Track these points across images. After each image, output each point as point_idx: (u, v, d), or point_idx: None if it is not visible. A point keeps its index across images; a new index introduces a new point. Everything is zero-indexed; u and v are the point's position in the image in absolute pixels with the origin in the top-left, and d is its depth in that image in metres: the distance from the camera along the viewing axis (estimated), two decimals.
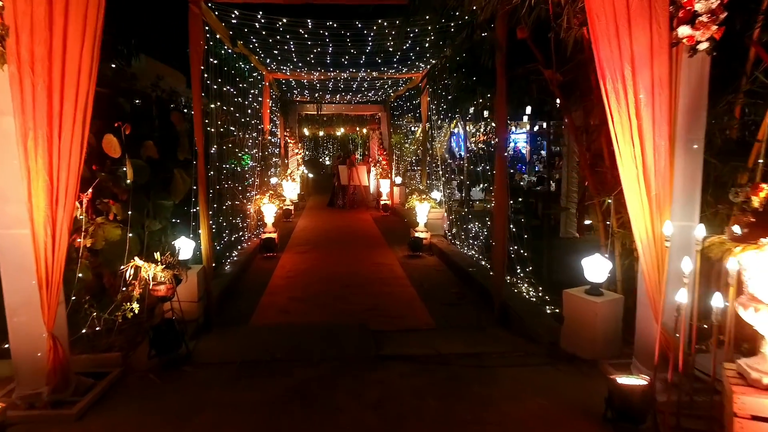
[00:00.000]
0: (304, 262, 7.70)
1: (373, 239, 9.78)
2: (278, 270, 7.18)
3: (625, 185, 2.93)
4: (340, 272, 7.06)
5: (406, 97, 11.99)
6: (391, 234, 10.20)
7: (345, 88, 10.84)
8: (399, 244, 9.07)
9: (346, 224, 11.76)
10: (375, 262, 7.72)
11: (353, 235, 10.32)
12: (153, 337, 3.66)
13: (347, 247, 8.93)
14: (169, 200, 4.61)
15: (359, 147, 22.87)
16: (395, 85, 10.72)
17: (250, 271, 7.11)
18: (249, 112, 8.52)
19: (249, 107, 8.50)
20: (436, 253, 8.17)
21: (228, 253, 6.78)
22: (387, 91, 11.81)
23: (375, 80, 9.86)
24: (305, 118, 15.22)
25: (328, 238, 9.83)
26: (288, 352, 4.06)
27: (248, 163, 10.33)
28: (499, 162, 4.82)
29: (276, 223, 9.27)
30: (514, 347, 4.02)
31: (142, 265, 3.93)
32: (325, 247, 8.90)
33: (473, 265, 6.69)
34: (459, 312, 5.32)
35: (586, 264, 3.64)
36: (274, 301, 5.68)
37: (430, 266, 7.49)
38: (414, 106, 11.33)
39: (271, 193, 8.50)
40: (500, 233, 4.87)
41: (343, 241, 9.61)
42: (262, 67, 8.55)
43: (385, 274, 6.94)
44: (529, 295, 5.23)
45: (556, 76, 4.23)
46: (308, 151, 24.68)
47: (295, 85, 10.63)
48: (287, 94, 12.90)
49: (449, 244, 8.27)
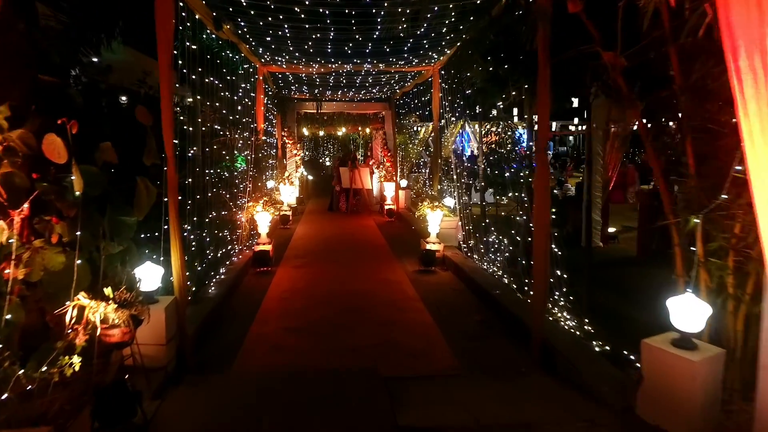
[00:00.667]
0: (302, 279, 6.79)
1: (379, 250, 8.87)
2: (272, 289, 6.27)
3: (763, 200, 2.02)
4: (342, 292, 6.15)
5: (413, 93, 11.07)
6: (398, 243, 9.29)
7: (347, 84, 9.92)
8: (408, 255, 8.16)
9: (349, 231, 10.85)
10: (382, 278, 6.81)
11: (356, 244, 9.42)
12: (97, 404, 2.75)
13: (350, 260, 8.02)
14: (132, 216, 3.70)
15: (360, 147, 21.95)
16: (402, 80, 9.81)
17: (239, 291, 6.20)
18: (240, 109, 7.61)
19: (240, 103, 7.59)
20: (450, 268, 7.26)
21: (214, 272, 5.87)
22: (393, 87, 10.88)
23: (380, 74, 8.96)
24: (304, 117, 14.32)
25: (328, 248, 8.92)
26: (279, 416, 3.15)
27: (243, 165, 9.45)
28: (541, 168, 3.91)
29: (271, 233, 8.37)
30: (572, 412, 3.11)
31: (87, 305, 3.04)
32: (326, 259, 7.99)
33: (497, 285, 5.78)
34: (487, 348, 4.42)
35: (674, 306, 2.74)
36: (265, 332, 4.77)
37: (445, 284, 6.57)
38: (423, 103, 10.39)
39: (266, 199, 7.60)
40: (541, 255, 3.96)
41: (345, 251, 8.70)
42: (254, 58, 7.63)
43: (395, 294, 6.04)
44: (565, 320, 4.34)
45: (619, 61, 3.32)
46: (308, 151, 23.76)
47: (292, 79, 9.72)
48: (284, 91, 11.98)
49: (465, 257, 7.37)
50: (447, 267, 7.38)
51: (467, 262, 7.03)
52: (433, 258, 7.32)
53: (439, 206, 7.65)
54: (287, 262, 7.76)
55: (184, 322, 3.85)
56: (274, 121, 11.80)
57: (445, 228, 7.94)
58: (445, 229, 7.99)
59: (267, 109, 10.23)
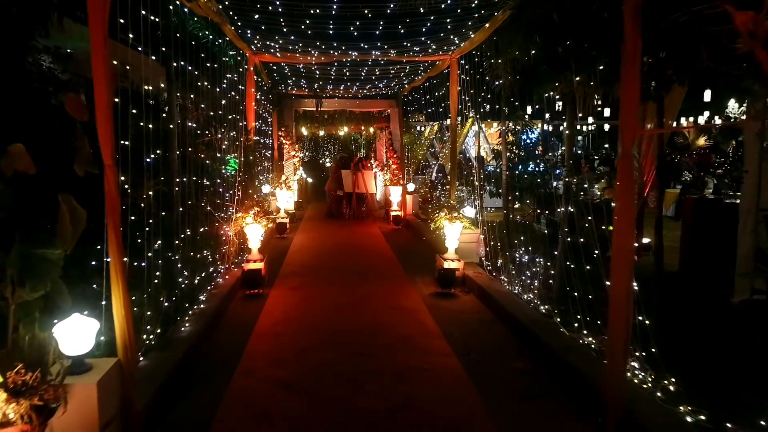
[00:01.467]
0: (299, 305, 5.71)
1: (387, 265, 7.79)
2: (263, 319, 5.20)
3: None
4: (347, 325, 5.08)
5: (423, 89, 9.97)
6: (408, 257, 8.23)
7: (351, 78, 8.83)
8: (421, 272, 7.11)
9: (352, 242, 9.77)
10: (394, 305, 5.73)
11: (361, 258, 8.34)
12: None
13: (355, 278, 6.94)
14: (56, 248, 2.63)
15: (362, 148, 20.85)
16: (413, 73, 8.73)
17: (223, 323, 5.13)
18: (226, 105, 6.54)
19: (226, 98, 6.52)
20: (473, 291, 6.19)
21: (189, 304, 4.80)
22: (401, 81, 9.77)
23: (389, 66, 7.89)
24: (303, 116, 13.24)
25: (330, 263, 7.85)
26: None
27: (235, 168, 8.41)
28: (625, 177, 2.83)
29: (264, 247, 7.31)
30: None
31: None
32: (327, 278, 6.91)
33: (536, 319, 4.71)
34: (540, 416, 3.34)
35: None
36: (251, 389, 3.69)
37: (469, 312, 5.50)
38: (438, 99, 9.27)
39: (257, 210, 6.52)
40: (622, 296, 2.89)
41: (349, 267, 7.62)
42: (242, 43, 6.52)
43: (412, 328, 4.96)
44: (635, 373, 3.28)
45: (763, 25, 2.25)
46: (308, 151, 22.60)
47: (288, 72, 8.62)
48: (281, 86, 10.89)
49: (490, 278, 6.29)
50: (469, 289, 6.31)
51: (494, 285, 5.96)
52: (452, 278, 6.25)
53: (458, 218, 6.57)
54: (282, 282, 6.69)
55: (132, 393, 2.77)
56: (269, 120, 10.73)
57: (464, 242, 6.88)
58: (465, 243, 6.93)
59: (260, 106, 9.16)
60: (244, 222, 6.51)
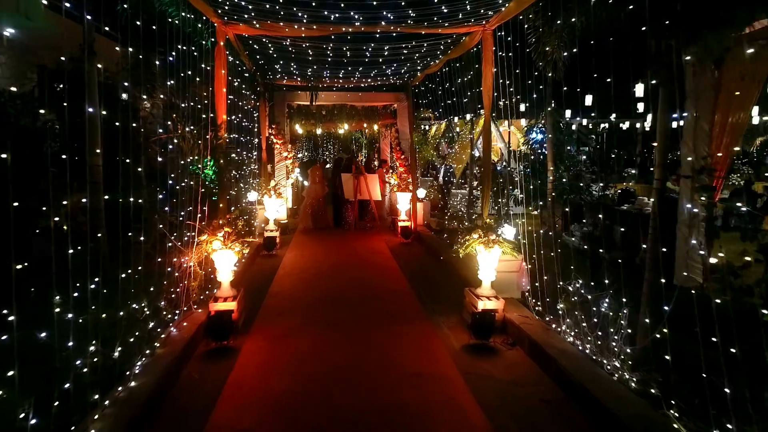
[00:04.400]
0: (282, 371, 4.06)
1: (398, 296, 6.14)
2: (225, 402, 3.55)
3: None
4: (349, 415, 3.42)
5: (439, 77, 8.27)
6: (423, 282, 6.59)
7: (352, 60, 7.15)
8: (442, 307, 5.53)
9: (354, 262, 8.11)
10: (415, 370, 4.06)
11: (365, 286, 6.67)
12: None
13: (359, 320, 5.28)
14: None
15: (364, 148, 19.18)
16: (430, 54, 7.04)
17: (163, 412, 3.47)
18: (190, 93, 4.90)
19: (187, 81, 4.88)
20: (521, 343, 4.54)
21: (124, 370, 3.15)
22: (414, 66, 8.04)
23: (401, 44, 6.22)
24: (297, 112, 11.58)
25: (326, 296, 6.19)
26: None
27: (211, 176, 6.85)
28: None
29: (241, 275, 5.69)
30: None
31: None
32: (321, 320, 5.26)
33: (639, 414, 3.06)
34: None
35: None
36: None
37: (525, 385, 3.84)
38: (459, 88, 7.53)
39: (228, 231, 4.87)
40: None
41: (350, 301, 5.96)
42: (204, 5, 4.72)
43: (445, 422, 3.31)
44: None
45: None
46: (307, 151, 20.85)
47: (274, 52, 6.83)
48: (268, 75, 9.21)
49: (542, 324, 4.64)
50: (514, 340, 4.66)
51: (551, 338, 4.30)
52: (490, 324, 4.61)
53: (497, 241, 4.92)
54: (262, 327, 5.04)
55: None
56: (255, 115, 9.07)
57: (501, 271, 5.23)
58: (503, 273, 5.28)
59: (241, 96, 7.50)
60: (209, 247, 4.87)
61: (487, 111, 5.40)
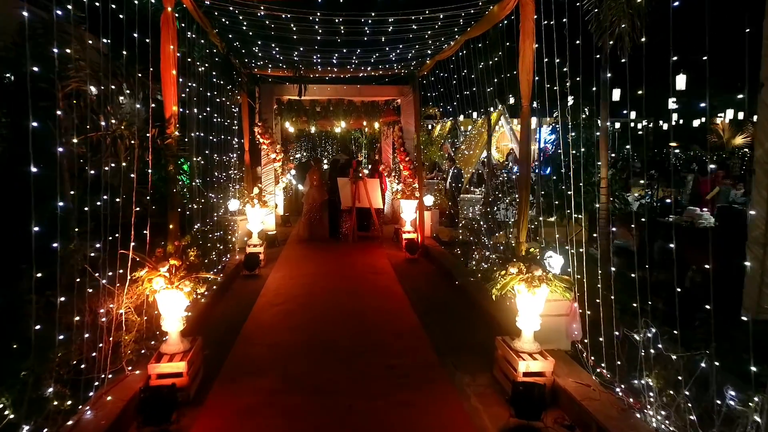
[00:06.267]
0: None
1: (408, 342, 4.76)
2: None
3: None
4: None
5: (456, 61, 6.86)
6: (437, 320, 5.23)
7: (347, 40, 5.74)
8: (465, 359, 4.22)
9: (351, 287, 6.73)
10: None
11: (366, 326, 5.28)
12: None
13: (357, 381, 3.92)
14: None
15: (363, 148, 17.77)
16: (444, 33, 5.64)
17: None
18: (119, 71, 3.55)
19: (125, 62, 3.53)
20: (585, 429, 3.18)
21: None
22: (425, 48, 6.59)
23: (409, 17, 4.86)
24: (288, 108, 10.21)
25: (316, 340, 4.82)
26: None
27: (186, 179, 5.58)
28: None
29: (203, 317, 4.37)
30: None
31: None
32: (310, 381, 3.90)
33: None
34: None
35: None
36: None
37: None
38: (478, 76, 6.06)
39: (174, 264, 3.51)
40: None
41: (346, 349, 4.58)
42: None
43: None
44: None
45: None
46: (305, 151, 19.39)
47: (248, 28, 5.31)
48: (252, 63, 7.82)
49: (612, 397, 3.28)
50: (570, 418, 3.31)
51: (637, 428, 2.94)
52: (539, 400, 3.26)
53: (544, 279, 3.57)
54: (226, 394, 3.68)
55: None
56: (234, 110, 7.72)
57: (546, 314, 3.88)
58: (547, 316, 3.92)
59: (210, 85, 6.15)
60: (148, 286, 3.52)
61: (525, 99, 4.04)
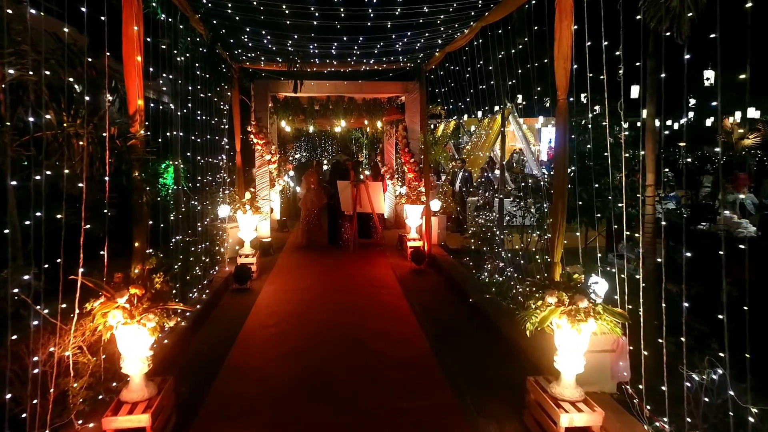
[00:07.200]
0: None
1: (419, 377, 4.07)
2: None
3: None
4: None
5: (469, 53, 6.16)
6: (451, 348, 4.53)
7: (346, 26, 5.02)
8: (488, 401, 3.50)
9: (352, 304, 6.04)
10: None
11: (370, 355, 4.58)
12: None
13: (360, 429, 3.26)
14: None
15: (364, 149, 17.07)
16: (458, 19, 4.93)
17: None
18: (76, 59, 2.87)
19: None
20: None
21: None
22: (435, 37, 5.88)
23: None
24: (284, 105, 9.54)
25: (311, 372, 4.13)
26: None
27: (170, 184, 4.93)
28: None
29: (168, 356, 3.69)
30: None
31: None
32: (309, 425, 3.22)
33: None
34: None
35: None
36: None
37: None
38: (496, 68, 5.32)
39: (136, 293, 2.84)
40: None
41: (346, 387, 3.89)
42: None
43: None
44: None
45: None
46: (305, 152, 18.67)
47: (234, 11, 4.58)
48: (243, 56, 7.13)
49: None
50: None
51: None
52: None
53: (591, 313, 2.88)
54: None
55: None
56: (223, 107, 7.03)
57: (589, 351, 3.19)
58: (590, 353, 3.23)
59: (194, 78, 5.46)
60: (102, 322, 2.84)
61: (562, 92, 3.36)
